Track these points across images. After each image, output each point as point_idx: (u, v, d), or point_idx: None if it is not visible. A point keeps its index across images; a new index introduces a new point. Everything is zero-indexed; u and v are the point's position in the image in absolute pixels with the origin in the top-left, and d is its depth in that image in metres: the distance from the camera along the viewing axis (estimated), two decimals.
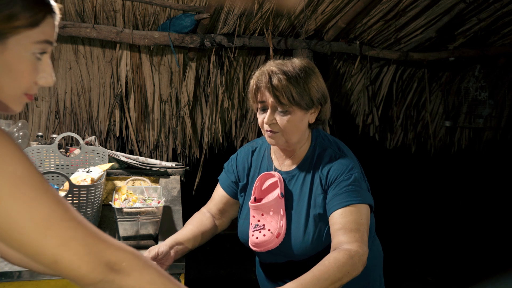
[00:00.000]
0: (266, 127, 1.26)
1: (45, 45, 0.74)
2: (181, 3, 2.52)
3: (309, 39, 2.98)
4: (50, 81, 0.77)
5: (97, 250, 0.68)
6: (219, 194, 1.48)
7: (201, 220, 1.42)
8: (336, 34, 2.96)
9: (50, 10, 0.75)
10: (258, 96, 1.28)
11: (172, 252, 1.25)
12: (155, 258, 1.20)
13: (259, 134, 3.31)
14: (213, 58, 2.95)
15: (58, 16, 0.78)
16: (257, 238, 1.28)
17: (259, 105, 1.28)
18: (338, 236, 1.17)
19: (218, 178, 1.51)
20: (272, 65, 1.27)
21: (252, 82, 1.29)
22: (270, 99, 1.24)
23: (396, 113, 3.76)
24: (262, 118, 1.27)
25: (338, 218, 1.19)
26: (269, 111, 1.25)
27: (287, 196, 1.33)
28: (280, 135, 1.26)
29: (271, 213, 1.30)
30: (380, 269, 1.45)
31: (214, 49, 2.92)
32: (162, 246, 1.24)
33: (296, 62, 1.28)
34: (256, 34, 2.88)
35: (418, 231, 3.80)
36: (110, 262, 0.70)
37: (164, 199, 1.52)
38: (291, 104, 1.22)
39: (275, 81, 1.22)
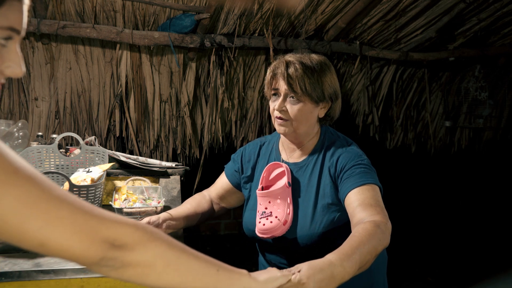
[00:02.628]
0: (276, 113, 1.31)
1: (9, 32, 0.65)
2: (181, 3, 2.52)
3: (309, 39, 2.98)
4: (18, 72, 0.68)
5: (89, 227, 0.63)
6: (221, 180, 1.54)
7: (200, 202, 1.48)
8: (336, 34, 2.96)
9: None
10: (273, 83, 1.32)
11: (164, 225, 1.30)
12: None
13: (259, 134, 3.31)
14: (213, 58, 2.95)
15: (26, 0, 0.68)
16: (264, 224, 1.30)
17: (272, 92, 1.33)
18: (357, 213, 1.14)
19: (225, 166, 1.56)
20: (290, 56, 1.33)
21: (269, 70, 1.34)
22: (283, 87, 1.28)
23: (396, 113, 3.76)
24: (274, 105, 1.31)
25: (356, 196, 1.18)
26: (281, 98, 1.29)
27: (295, 185, 1.35)
28: (289, 124, 1.30)
29: (278, 200, 1.32)
30: (384, 271, 1.45)
31: (214, 49, 2.92)
32: (154, 217, 1.29)
33: (314, 57, 1.33)
34: (256, 34, 2.88)
35: (418, 231, 3.80)
36: (109, 238, 0.64)
37: (164, 199, 1.52)
38: (303, 94, 1.27)
39: (291, 69, 1.28)
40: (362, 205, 1.16)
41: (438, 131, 4.01)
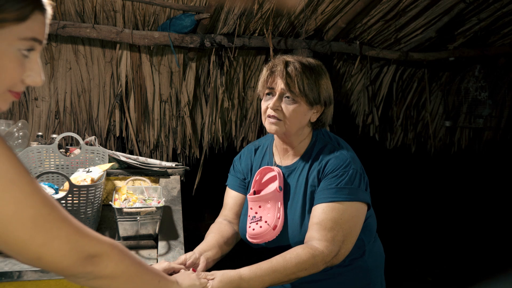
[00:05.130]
0: (269, 112, 1.28)
1: (32, 43, 0.71)
2: (181, 3, 2.52)
3: (309, 39, 2.98)
4: (38, 81, 0.74)
5: (78, 246, 0.73)
6: (231, 197, 1.47)
7: (220, 228, 1.40)
8: (336, 34, 2.96)
9: (38, 6, 0.71)
10: (269, 81, 1.30)
11: (202, 258, 1.24)
12: (183, 264, 1.19)
13: (259, 134, 3.31)
14: (213, 58, 2.95)
15: (49, 13, 0.74)
16: (253, 229, 1.30)
17: (267, 91, 1.31)
18: (312, 230, 1.20)
19: (226, 184, 1.51)
20: (289, 56, 1.32)
21: (266, 68, 1.33)
22: (280, 86, 1.27)
23: (396, 113, 3.76)
24: (267, 104, 1.29)
25: (319, 213, 1.22)
26: (276, 97, 1.28)
27: (285, 190, 1.34)
28: (282, 123, 1.28)
29: (268, 205, 1.31)
30: (382, 270, 1.45)
31: (214, 49, 2.92)
32: (189, 253, 1.24)
33: (310, 59, 1.33)
34: (256, 34, 2.88)
35: (418, 231, 3.80)
36: (90, 255, 0.75)
37: (164, 199, 1.52)
38: (300, 94, 1.25)
39: (290, 68, 1.27)
40: (319, 225, 1.19)
41: (438, 131, 4.01)
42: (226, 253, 1.37)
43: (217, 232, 1.37)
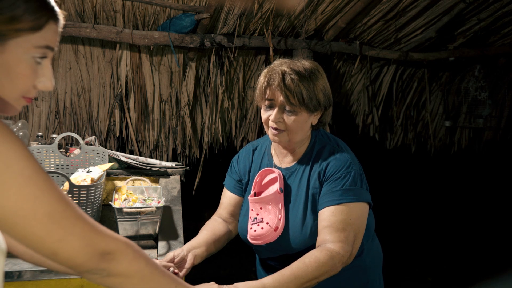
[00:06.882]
0: (271, 124, 1.28)
1: (45, 50, 0.75)
2: (181, 3, 2.52)
3: (309, 39, 2.98)
4: (49, 86, 0.78)
5: (92, 243, 0.74)
6: (227, 197, 1.48)
7: (214, 226, 1.41)
8: (336, 34, 2.96)
9: (53, 16, 0.76)
10: (267, 94, 1.29)
11: (190, 255, 1.25)
12: (172, 261, 1.21)
13: (259, 134, 3.31)
14: (213, 58, 2.95)
15: (61, 22, 0.78)
16: (255, 231, 1.30)
17: (266, 102, 1.29)
18: (324, 233, 1.20)
19: (224, 183, 1.51)
20: (283, 65, 1.28)
21: (263, 79, 1.30)
22: (280, 98, 1.25)
23: (396, 113, 3.76)
24: (268, 115, 1.29)
25: (328, 216, 1.21)
26: (276, 109, 1.27)
27: (286, 191, 1.34)
28: (284, 134, 1.28)
29: (269, 207, 1.32)
30: (380, 269, 1.45)
31: (214, 49, 2.92)
32: (178, 250, 1.26)
33: (306, 64, 1.29)
34: (256, 34, 2.88)
35: (418, 231, 3.80)
36: (104, 252, 0.76)
37: (164, 199, 1.52)
38: (300, 105, 1.24)
39: (288, 80, 1.24)
40: (330, 228, 1.19)
41: (438, 131, 4.01)
42: (216, 251, 1.38)
43: (210, 230, 1.39)
